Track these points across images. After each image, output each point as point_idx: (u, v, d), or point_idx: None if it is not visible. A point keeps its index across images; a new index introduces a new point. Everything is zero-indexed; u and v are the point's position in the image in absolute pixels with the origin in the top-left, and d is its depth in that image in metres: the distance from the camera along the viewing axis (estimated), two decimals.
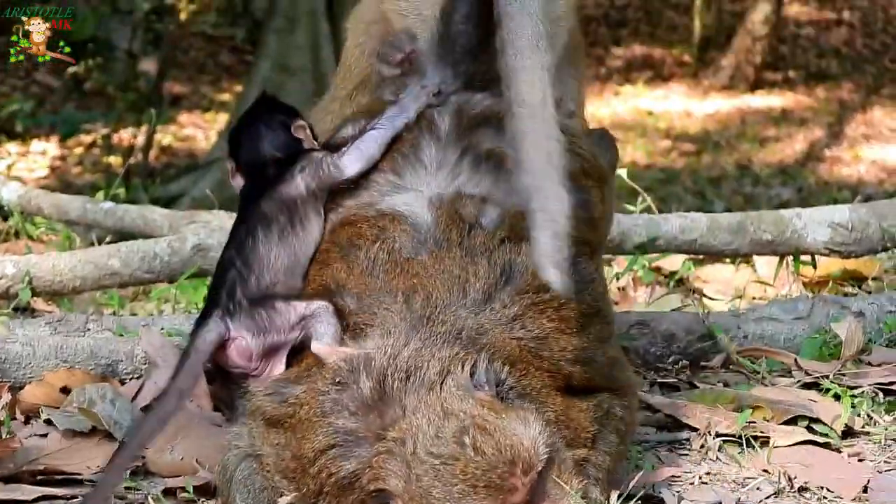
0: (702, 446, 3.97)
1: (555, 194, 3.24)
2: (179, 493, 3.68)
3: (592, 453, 3.43)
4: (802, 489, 3.66)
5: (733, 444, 3.96)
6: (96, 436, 4.00)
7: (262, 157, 3.75)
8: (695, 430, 4.06)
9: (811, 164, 18.45)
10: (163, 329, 4.73)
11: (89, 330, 4.78)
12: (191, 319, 4.54)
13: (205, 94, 20.87)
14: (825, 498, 3.62)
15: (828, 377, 4.48)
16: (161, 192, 15.27)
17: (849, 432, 4.05)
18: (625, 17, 23.56)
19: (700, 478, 3.74)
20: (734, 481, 3.73)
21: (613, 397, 3.58)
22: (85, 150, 18.20)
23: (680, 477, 3.75)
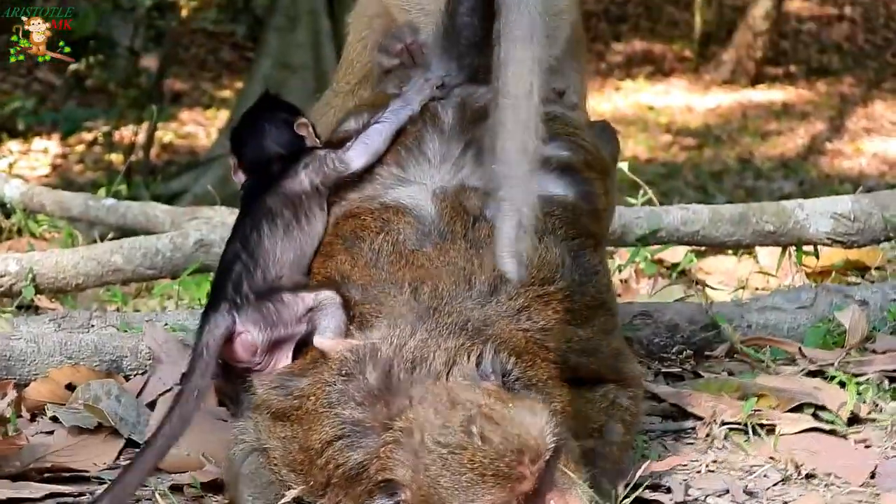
0: (707, 435, 3.97)
1: (523, 185, 3.19)
2: (186, 489, 3.68)
3: (599, 443, 3.46)
4: (809, 476, 3.66)
5: (739, 433, 3.96)
6: (102, 432, 3.99)
7: (265, 154, 3.75)
8: (700, 418, 4.06)
9: (813, 158, 18.43)
10: (166, 325, 4.72)
11: (93, 326, 4.77)
12: (194, 315, 4.56)
13: (206, 91, 20.85)
14: (832, 484, 3.62)
15: (832, 365, 4.49)
16: (162, 189, 15.24)
17: (855, 419, 4.05)
18: (625, 13, 23.52)
19: (706, 466, 3.74)
20: (741, 469, 3.73)
21: (619, 388, 3.60)
22: (86, 147, 18.19)
23: (686, 465, 3.75)
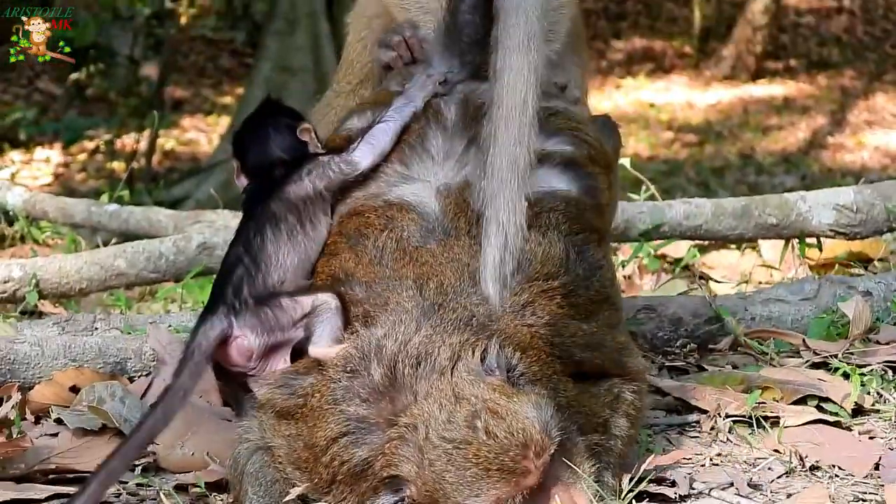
0: (712, 428, 3.96)
1: (511, 204, 3.13)
2: (191, 489, 3.68)
3: (604, 438, 3.45)
4: (814, 468, 3.66)
5: (743, 425, 3.96)
6: (107, 434, 3.98)
7: (267, 159, 3.76)
8: (704, 412, 4.06)
9: (814, 152, 18.42)
10: (170, 326, 4.74)
11: (97, 329, 4.78)
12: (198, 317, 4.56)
13: (206, 98, 20.88)
14: (837, 476, 3.61)
15: (836, 356, 4.48)
16: (165, 195, 15.25)
17: (859, 410, 4.05)
18: (624, 10, 23.53)
19: (711, 459, 3.74)
20: (745, 462, 3.73)
21: (623, 382, 3.59)
22: (88, 156, 18.23)
23: (691, 459, 3.75)
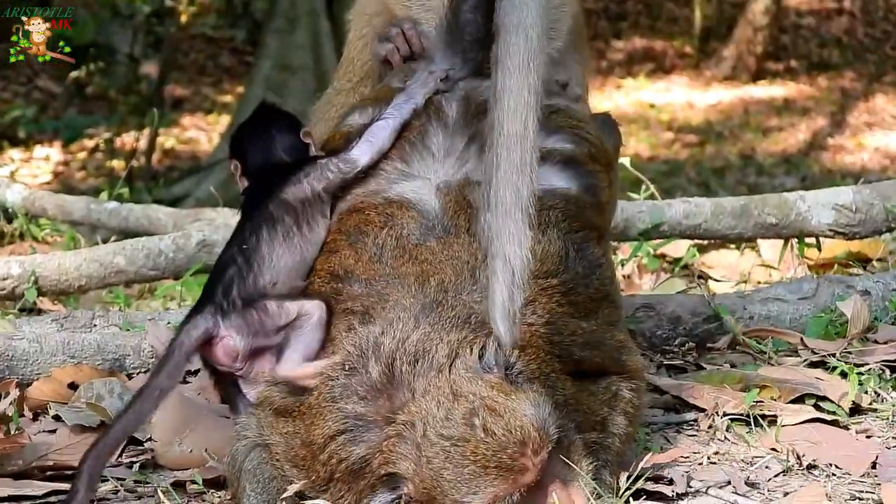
0: (710, 427, 3.96)
1: (516, 238, 3.01)
2: (189, 486, 3.68)
3: (602, 436, 3.44)
4: (811, 467, 3.65)
5: (741, 424, 3.96)
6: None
7: (270, 160, 3.76)
8: (702, 410, 4.06)
9: (814, 153, 18.43)
10: (169, 323, 4.74)
11: (96, 326, 4.78)
12: None
13: (206, 96, 20.88)
14: (834, 475, 3.61)
15: (834, 355, 4.49)
16: (164, 194, 15.23)
17: (856, 409, 4.05)
18: (625, 10, 23.54)
19: (708, 458, 3.73)
20: (743, 460, 3.73)
21: (622, 380, 3.59)
22: (88, 154, 18.23)
23: (688, 457, 3.74)
